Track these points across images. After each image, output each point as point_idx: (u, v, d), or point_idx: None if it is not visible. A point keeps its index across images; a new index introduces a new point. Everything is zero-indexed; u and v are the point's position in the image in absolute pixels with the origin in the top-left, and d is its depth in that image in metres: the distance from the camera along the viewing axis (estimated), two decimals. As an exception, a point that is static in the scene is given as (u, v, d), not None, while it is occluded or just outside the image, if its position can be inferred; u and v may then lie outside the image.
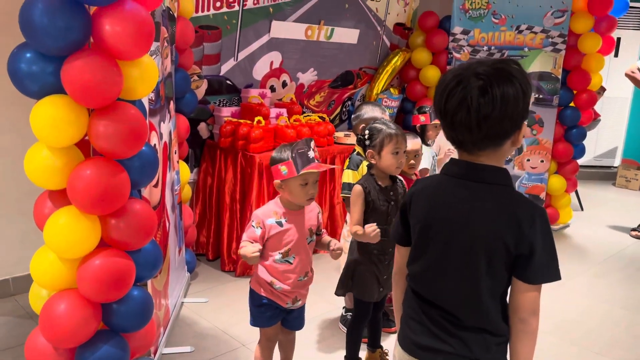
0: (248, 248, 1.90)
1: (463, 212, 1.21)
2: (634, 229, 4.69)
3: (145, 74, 1.75)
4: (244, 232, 2.00)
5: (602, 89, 4.70)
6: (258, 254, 1.88)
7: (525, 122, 1.21)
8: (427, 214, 1.28)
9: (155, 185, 2.34)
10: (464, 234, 1.20)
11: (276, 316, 2.09)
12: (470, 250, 1.20)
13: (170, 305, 2.73)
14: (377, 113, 2.78)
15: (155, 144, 2.32)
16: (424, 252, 1.29)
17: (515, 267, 1.18)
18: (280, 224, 1.96)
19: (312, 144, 1.94)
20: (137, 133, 1.67)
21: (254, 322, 2.10)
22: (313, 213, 2.06)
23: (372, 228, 2.05)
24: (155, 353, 2.33)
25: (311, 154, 1.91)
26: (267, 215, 1.96)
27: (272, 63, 4.02)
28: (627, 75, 4.47)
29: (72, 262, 1.67)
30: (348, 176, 2.54)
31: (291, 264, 2.00)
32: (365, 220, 2.17)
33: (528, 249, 1.16)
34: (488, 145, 1.19)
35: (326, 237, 2.10)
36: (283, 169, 1.90)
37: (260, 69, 3.97)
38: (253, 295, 2.08)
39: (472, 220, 1.19)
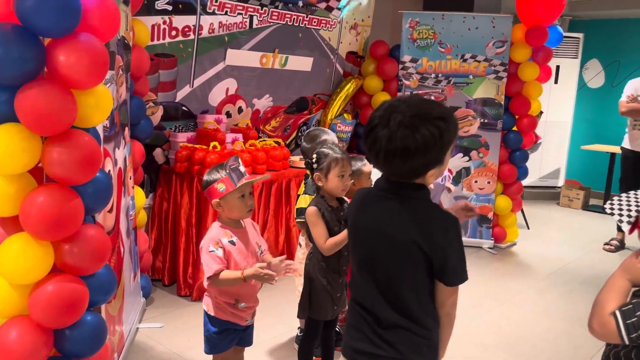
0: (256, 268, 1.92)
1: (385, 222, 1.36)
2: (606, 243, 4.96)
3: (100, 102, 1.80)
4: (206, 265, 1.97)
5: (540, 113, 5.00)
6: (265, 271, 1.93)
7: (446, 157, 1.36)
8: (354, 222, 1.45)
9: (110, 211, 2.36)
10: (386, 242, 1.36)
11: (235, 338, 2.15)
12: (392, 257, 1.35)
13: (125, 331, 2.72)
14: (334, 137, 2.90)
15: (109, 170, 2.35)
16: (355, 257, 1.45)
17: (434, 271, 1.34)
18: (233, 242, 2.03)
19: (240, 160, 2.07)
20: (91, 160, 1.71)
21: (213, 349, 2.12)
22: (252, 228, 2.17)
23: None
24: (109, 379, 2.32)
25: (242, 168, 2.04)
26: (219, 236, 2.02)
27: (227, 89, 4.10)
28: (625, 113, 4.64)
29: (24, 288, 1.68)
30: (305, 201, 2.57)
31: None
32: None
33: (442, 255, 1.32)
34: (411, 177, 1.35)
35: (267, 256, 2.18)
36: (220, 186, 1.98)
37: (216, 95, 4.04)
38: (213, 322, 2.09)
39: (392, 230, 1.35)
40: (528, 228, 5.59)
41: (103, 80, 1.79)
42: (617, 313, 1.31)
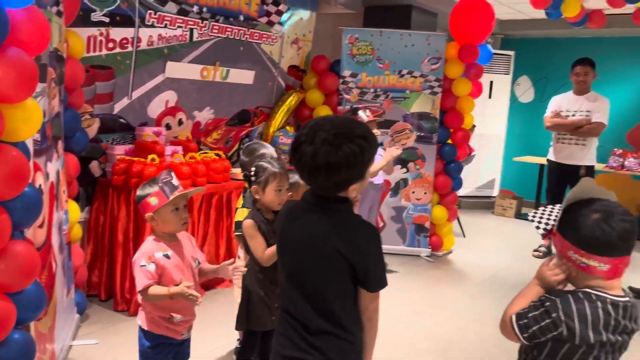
0: (182, 287, 1.92)
1: (311, 233, 1.44)
2: (535, 250, 5.22)
3: (29, 116, 1.78)
4: (137, 279, 1.99)
5: (473, 127, 5.25)
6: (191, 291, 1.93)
7: (367, 172, 1.46)
8: (282, 233, 1.52)
9: (41, 226, 2.31)
10: (312, 253, 1.43)
11: (171, 352, 2.14)
12: (318, 267, 1.43)
13: (57, 349, 2.65)
14: (273, 151, 2.95)
15: (40, 184, 2.30)
16: (283, 268, 1.52)
17: (357, 279, 1.43)
18: (167, 256, 2.03)
19: (173, 173, 2.08)
20: (19, 175, 1.69)
21: None
22: (188, 241, 2.17)
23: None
24: (38, 399, 2.26)
25: (175, 181, 2.05)
26: (153, 250, 2.02)
27: (167, 102, 4.08)
28: (549, 128, 4.91)
29: (-54, 307, 1.64)
30: (243, 214, 2.55)
31: None
32: None
33: (364, 263, 1.40)
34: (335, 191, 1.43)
35: (208, 265, 2.20)
36: (153, 200, 1.99)
37: (155, 108, 4.01)
38: (147, 336, 2.09)
39: (318, 241, 1.42)
40: (464, 236, 5.83)
41: (33, 94, 1.77)
42: (513, 316, 1.48)
